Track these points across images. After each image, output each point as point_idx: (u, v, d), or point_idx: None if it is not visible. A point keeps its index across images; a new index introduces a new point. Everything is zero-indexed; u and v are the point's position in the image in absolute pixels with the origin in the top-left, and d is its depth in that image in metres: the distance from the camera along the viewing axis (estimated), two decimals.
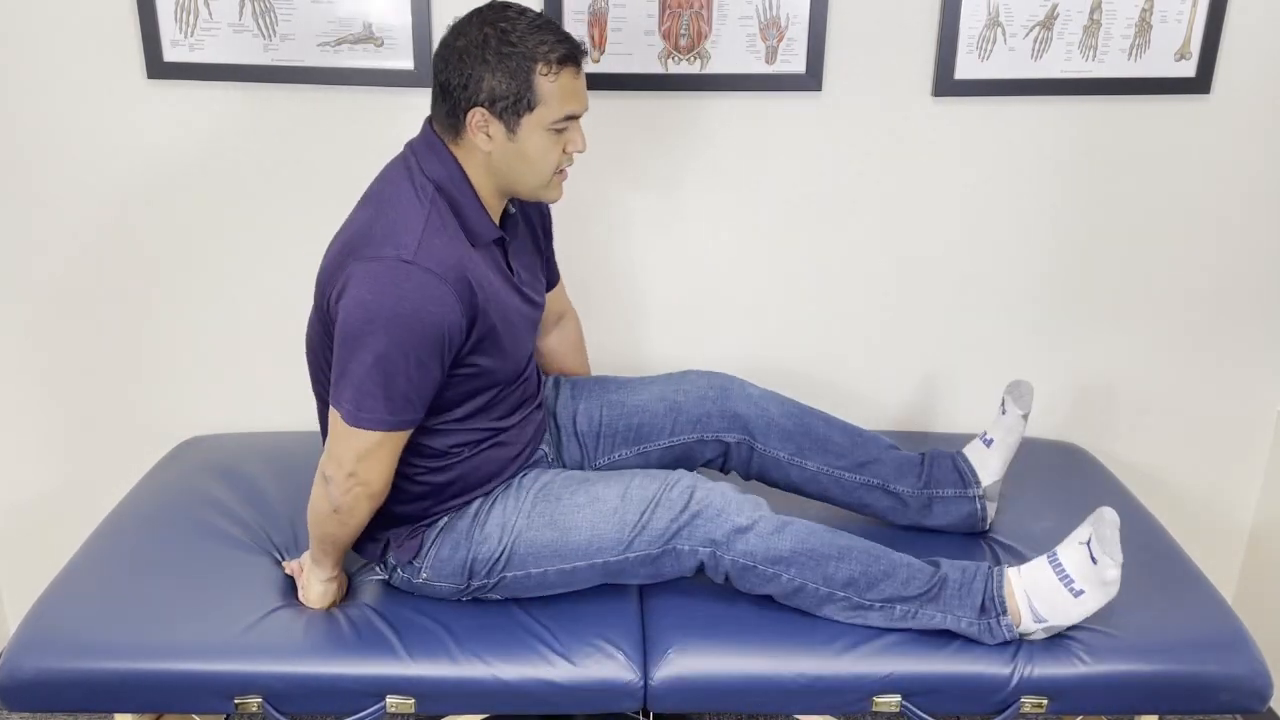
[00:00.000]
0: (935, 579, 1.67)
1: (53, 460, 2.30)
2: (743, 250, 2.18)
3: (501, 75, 1.53)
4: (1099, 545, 1.61)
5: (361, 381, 1.53)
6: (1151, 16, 2.03)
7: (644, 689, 1.64)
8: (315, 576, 1.72)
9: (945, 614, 1.66)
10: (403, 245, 1.53)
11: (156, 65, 2.01)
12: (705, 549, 1.66)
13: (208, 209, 2.13)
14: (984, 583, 1.66)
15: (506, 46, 1.53)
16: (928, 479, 1.89)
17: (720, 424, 1.87)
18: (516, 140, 1.57)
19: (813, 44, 2.02)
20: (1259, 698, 1.65)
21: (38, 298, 2.18)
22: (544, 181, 1.63)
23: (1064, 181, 2.15)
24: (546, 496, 1.71)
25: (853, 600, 1.67)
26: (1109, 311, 2.24)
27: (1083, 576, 1.62)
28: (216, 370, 2.24)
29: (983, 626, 1.65)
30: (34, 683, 1.61)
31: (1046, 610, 1.64)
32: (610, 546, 1.66)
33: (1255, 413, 2.32)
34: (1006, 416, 1.90)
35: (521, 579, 1.70)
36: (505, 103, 1.54)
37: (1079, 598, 1.62)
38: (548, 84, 1.54)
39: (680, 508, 1.65)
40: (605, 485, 1.70)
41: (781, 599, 1.69)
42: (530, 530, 1.68)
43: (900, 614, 1.67)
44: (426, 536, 1.71)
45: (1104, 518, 1.63)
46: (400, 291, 1.51)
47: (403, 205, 1.58)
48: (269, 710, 1.63)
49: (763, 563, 1.65)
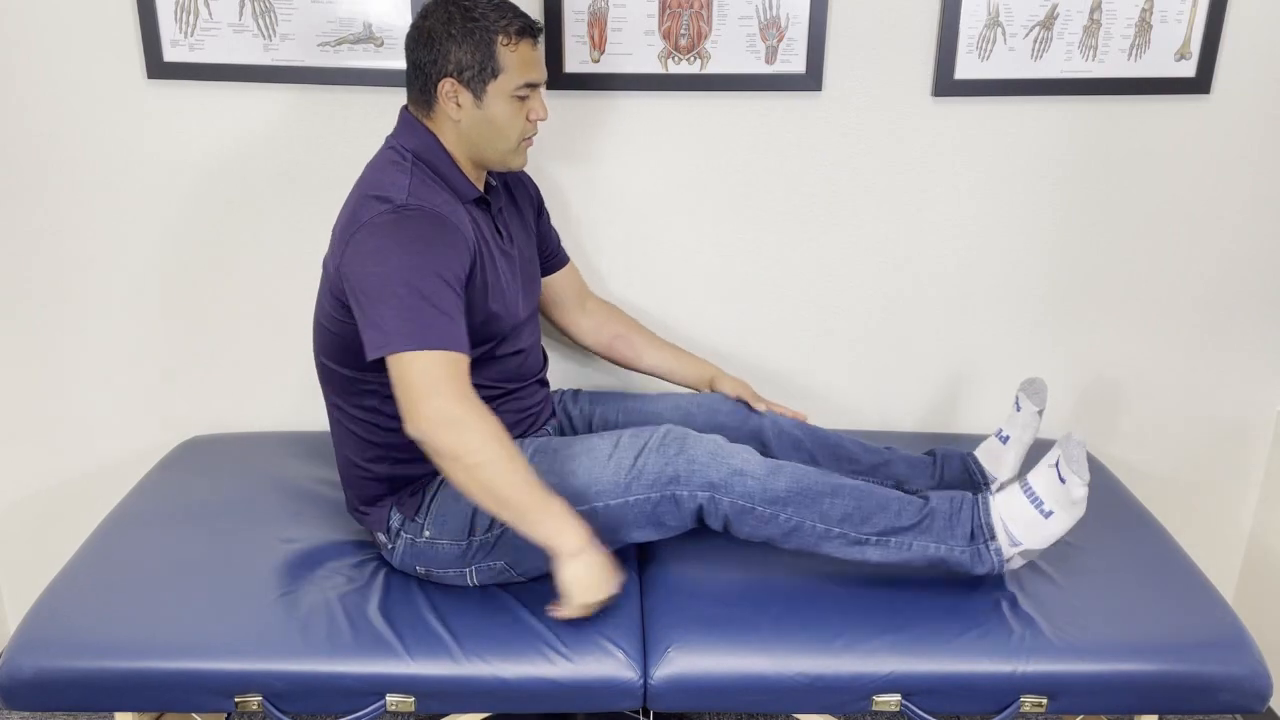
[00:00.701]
0: (926, 510, 1.73)
1: (53, 460, 2.30)
2: (743, 250, 2.18)
3: (467, 47, 1.66)
4: (1066, 465, 1.67)
5: (397, 315, 1.57)
6: (1151, 16, 2.04)
7: (644, 688, 1.64)
8: (566, 560, 1.59)
9: (938, 544, 1.72)
10: (395, 197, 1.64)
11: (156, 65, 2.02)
12: (704, 493, 1.68)
13: (208, 209, 2.13)
14: (971, 510, 1.73)
15: (470, 22, 1.66)
16: (940, 479, 1.93)
17: (733, 433, 1.91)
18: (484, 107, 1.69)
19: (813, 44, 2.03)
20: (1259, 698, 1.65)
21: (37, 297, 2.18)
22: (511, 147, 1.74)
23: (1064, 181, 2.15)
24: (544, 450, 1.77)
25: (849, 536, 1.71)
26: (1108, 311, 2.24)
27: (1051, 497, 1.69)
28: (216, 370, 2.24)
29: (973, 553, 1.72)
30: (34, 682, 1.61)
31: (1021, 533, 1.70)
32: (608, 489, 1.69)
33: (1255, 413, 2.32)
34: (1021, 413, 1.93)
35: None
36: (471, 72, 1.67)
37: (1049, 518, 1.69)
38: (509, 53, 1.68)
39: (675, 451, 1.69)
40: (599, 438, 1.76)
41: (780, 540, 1.72)
42: None
43: (895, 546, 1.71)
44: (427, 491, 1.76)
45: (1071, 439, 1.69)
46: (406, 231, 1.61)
47: (386, 172, 1.69)
48: (269, 709, 1.63)
49: (761, 503, 1.69)
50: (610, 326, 2.09)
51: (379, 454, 1.77)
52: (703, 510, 1.70)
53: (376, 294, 1.58)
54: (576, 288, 2.09)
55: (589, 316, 2.09)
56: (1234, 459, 2.36)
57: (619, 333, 2.08)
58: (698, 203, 2.15)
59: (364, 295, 1.60)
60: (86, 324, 2.20)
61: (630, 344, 2.08)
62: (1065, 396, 2.30)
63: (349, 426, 1.78)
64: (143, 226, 2.13)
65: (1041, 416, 1.93)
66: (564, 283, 2.06)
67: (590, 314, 2.09)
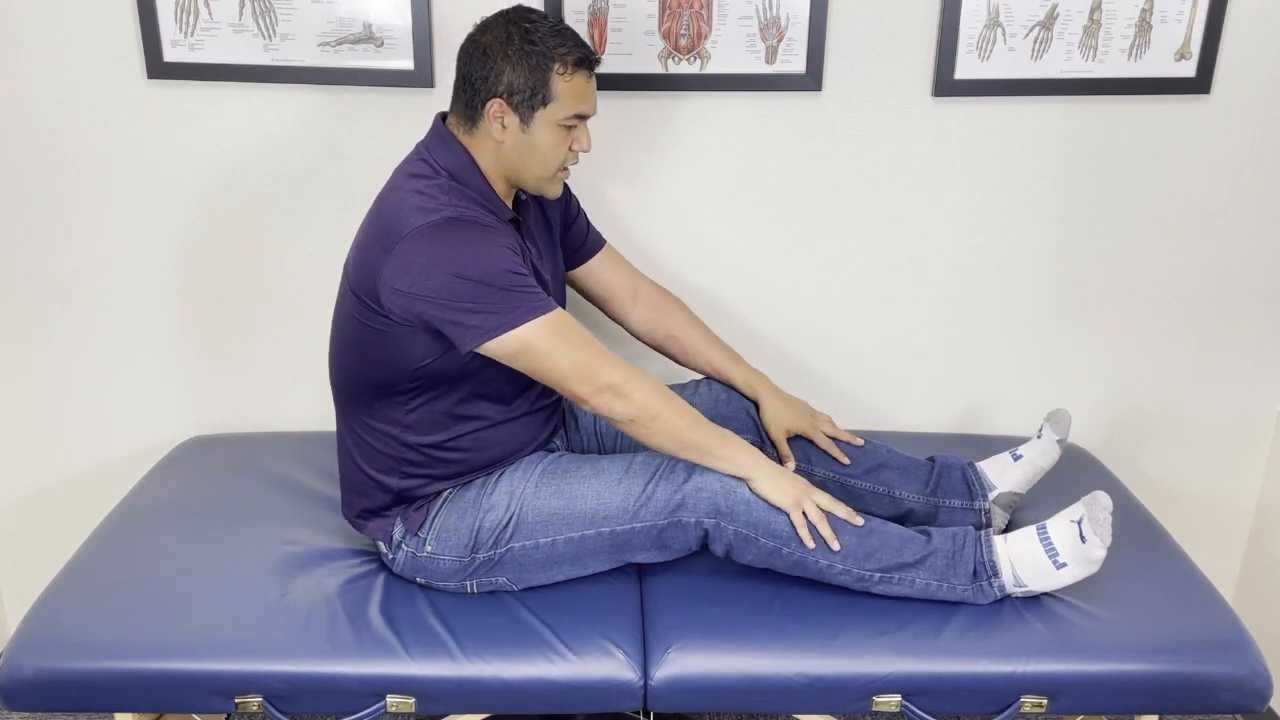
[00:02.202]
0: (928, 548, 1.72)
1: (53, 460, 2.30)
2: (742, 250, 2.18)
3: (521, 70, 1.64)
4: (1091, 526, 1.67)
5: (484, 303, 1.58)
6: (1151, 16, 2.04)
7: (644, 688, 1.64)
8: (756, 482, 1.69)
9: (940, 581, 1.72)
10: (437, 211, 1.62)
11: (156, 65, 2.01)
12: (710, 519, 1.69)
13: (208, 209, 2.13)
14: (974, 549, 1.73)
15: (528, 45, 1.63)
16: (935, 487, 1.92)
17: (734, 424, 1.91)
18: (529, 132, 1.67)
19: (813, 44, 2.03)
20: (1259, 698, 1.65)
21: (37, 297, 2.18)
22: (549, 175, 1.72)
23: (1064, 181, 2.15)
24: (554, 470, 1.76)
25: (853, 572, 1.71)
26: (1108, 310, 2.24)
27: (1068, 551, 1.69)
28: (218, 370, 2.24)
29: (976, 589, 1.72)
30: (34, 683, 1.61)
31: (1028, 577, 1.71)
32: (616, 515, 1.70)
33: (1255, 413, 2.32)
34: (1042, 440, 1.93)
35: (530, 550, 1.72)
36: (522, 96, 1.65)
37: (1060, 569, 1.70)
38: (563, 83, 1.65)
39: (683, 479, 1.70)
40: (610, 460, 1.76)
41: (784, 569, 1.73)
42: (538, 498, 1.72)
43: (899, 582, 1.71)
44: (432, 507, 1.75)
45: (1099, 501, 1.69)
46: (456, 238, 1.60)
47: (421, 188, 1.66)
48: (269, 709, 1.63)
49: (765, 535, 1.69)
50: (664, 324, 2.01)
51: (390, 465, 1.76)
52: (708, 536, 1.72)
53: (451, 294, 1.58)
54: (625, 276, 2.01)
55: (642, 309, 2.01)
56: (1234, 459, 2.36)
57: (671, 333, 2.01)
58: (697, 203, 2.15)
59: (438, 300, 1.58)
60: (86, 324, 2.20)
61: (680, 345, 2.01)
62: (1065, 395, 2.30)
63: (363, 436, 1.76)
64: (143, 226, 2.13)
65: (1061, 447, 1.92)
66: (608, 272, 1.99)
67: (643, 307, 2.01)
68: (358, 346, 1.70)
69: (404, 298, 1.60)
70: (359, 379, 1.73)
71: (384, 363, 1.68)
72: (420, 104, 2.05)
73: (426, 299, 1.59)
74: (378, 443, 1.75)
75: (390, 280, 1.60)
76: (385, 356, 1.67)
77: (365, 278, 1.65)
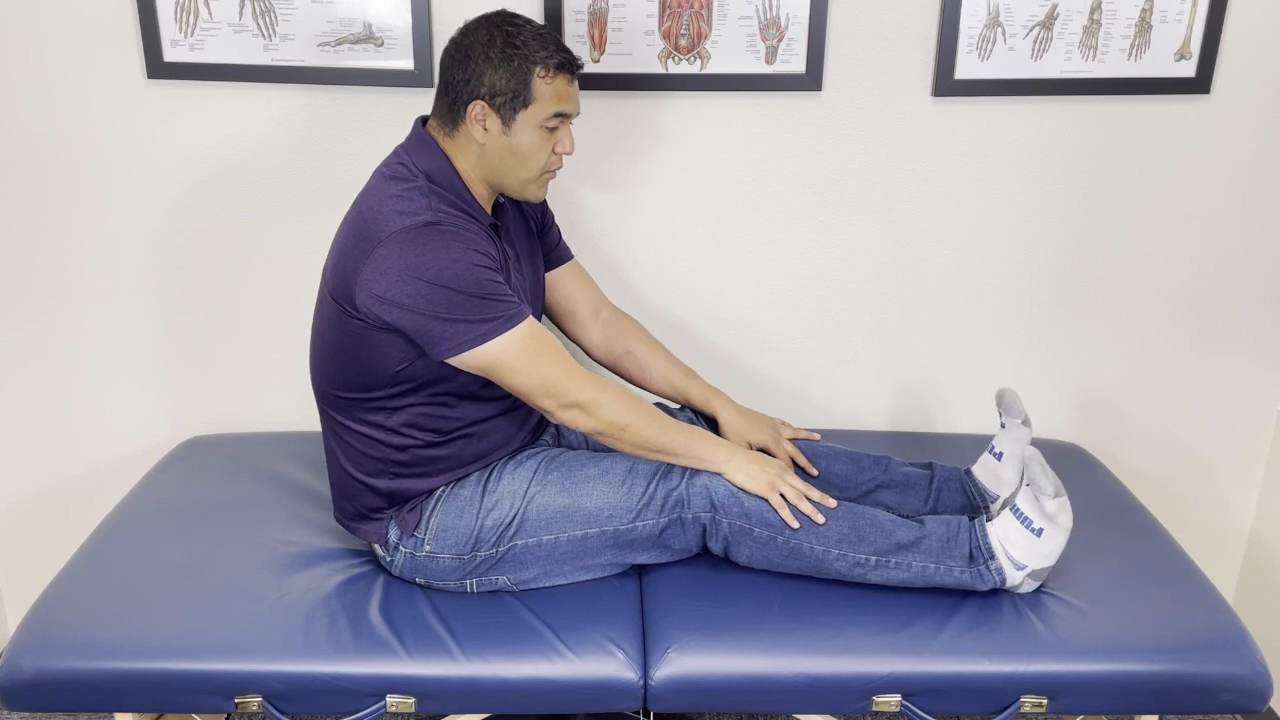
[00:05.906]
0: (922, 531, 1.74)
1: (53, 460, 2.30)
2: (742, 250, 2.18)
3: (504, 73, 1.64)
4: (1033, 486, 1.70)
5: (457, 312, 1.59)
6: (1151, 16, 2.04)
7: (644, 688, 1.64)
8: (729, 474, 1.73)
9: (937, 564, 1.72)
10: (415, 215, 1.62)
11: (156, 65, 2.02)
12: (706, 513, 1.72)
13: (207, 209, 2.13)
14: (968, 533, 1.74)
15: (510, 49, 1.64)
16: (934, 504, 1.91)
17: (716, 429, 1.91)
18: (510, 134, 1.68)
19: (813, 44, 2.03)
20: (1259, 698, 1.65)
21: (36, 297, 2.18)
22: (532, 177, 1.72)
23: (1064, 181, 2.15)
24: (556, 466, 1.77)
25: (849, 556, 1.72)
26: (1108, 310, 2.24)
27: (1035, 515, 1.71)
28: (216, 370, 2.24)
29: (974, 573, 1.73)
30: (34, 683, 1.60)
31: (1022, 555, 1.72)
32: (620, 514, 1.72)
33: (1255, 413, 2.32)
34: (1007, 429, 1.91)
35: (533, 548, 1.72)
36: (504, 98, 1.65)
37: (1040, 536, 1.70)
38: (544, 85, 1.66)
39: (681, 475, 1.75)
40: (612, 459, 1.77)
41: (781, 564, 1.74)
42: (543, 495, 1.74)
43: (895, 566, 1.72)
44: (425, 506, 1.75)
45: (1032, 458, 1.71)
46: (433, 244, 1.59)
47: (402, 190, 1.66)
48: (269, 710, 1.63)
49: (758, 525, 1.71)
50: (621, 341, 1.99)
51: (378, 468, 1.75)
52: (706, 532, 1.74)
53: (427, 301, 1.58)
54: (589, 296, 2.00)
55: (601, 329, 2.00)
56: (1234, 459, 2.36)
57: (628, 349, 1.99)
58: (697, 203, 2.15)
59: (413, 309, 1.59)
60: (86, 324, 2.20)
61: (636, 362, 1.99)
62: (1065, 395, 2.30)
63: (348, 440, 1.76)
64: (143, 226, 2.13)
65: (1028, 425, 1.89)
66: (573, 288, 1.98)
67: (602, 326, 2.00)
68: (338, 350, 1.70)
69: (380, 302, 1.60)
70: (340, 383, 1.72)
71: (364, 366, 1.68)
72: (420, 104, 2.05)
73: (401, 306, 1.59)
74: (364, 446, 1.75)
75: (368, 284, 1.60)
76: (365, 360, 1.67)
77: (342, 281, 1.64)
